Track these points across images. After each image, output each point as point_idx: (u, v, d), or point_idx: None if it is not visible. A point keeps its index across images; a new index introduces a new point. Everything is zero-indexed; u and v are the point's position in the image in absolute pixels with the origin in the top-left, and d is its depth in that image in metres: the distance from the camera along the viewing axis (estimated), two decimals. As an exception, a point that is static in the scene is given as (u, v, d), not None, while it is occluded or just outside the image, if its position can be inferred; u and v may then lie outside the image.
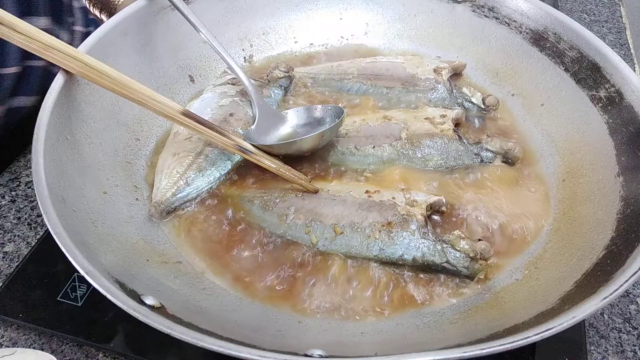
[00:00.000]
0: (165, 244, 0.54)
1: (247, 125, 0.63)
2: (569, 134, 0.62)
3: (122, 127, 0.60)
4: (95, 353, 0.49)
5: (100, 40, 0.57)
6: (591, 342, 0.50)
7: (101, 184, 0.53)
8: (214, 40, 0.62)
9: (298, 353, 0.39)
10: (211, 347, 0.35)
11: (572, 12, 1.00)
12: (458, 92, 0.68)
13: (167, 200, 0.55)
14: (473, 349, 0.35)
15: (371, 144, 0.61)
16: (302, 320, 0.48)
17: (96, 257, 0.43)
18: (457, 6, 0.73)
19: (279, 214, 0.54)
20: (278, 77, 0.69)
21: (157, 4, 0.64)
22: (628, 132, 0.54)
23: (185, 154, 0.59)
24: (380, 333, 0.47)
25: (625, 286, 0.39)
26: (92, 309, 0.51)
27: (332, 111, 0.62)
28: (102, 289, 0.38)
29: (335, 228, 0.52)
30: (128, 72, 0.60)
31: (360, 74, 0.71)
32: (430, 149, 0.60)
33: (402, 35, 0.78)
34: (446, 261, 0.50)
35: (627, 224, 0.48)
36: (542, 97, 0.67)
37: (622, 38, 0.93)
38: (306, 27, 0.78)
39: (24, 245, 0.58)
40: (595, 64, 0.60)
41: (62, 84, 0.51)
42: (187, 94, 0.70)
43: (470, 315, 0.48)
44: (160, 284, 0.47)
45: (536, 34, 0.67)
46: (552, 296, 0.45)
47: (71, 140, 0.51)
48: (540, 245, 0.54)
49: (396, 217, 0.52)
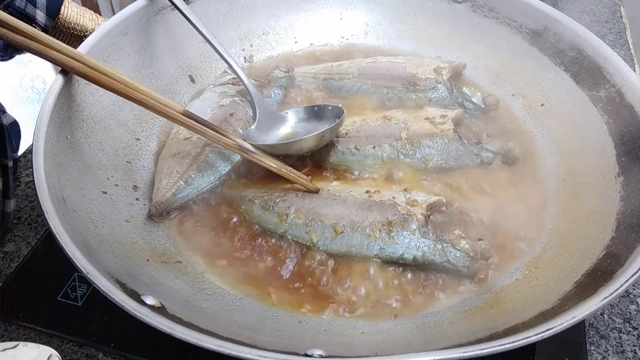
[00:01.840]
0: (165, 244, 0.54)
1: (247, 125, 0.63)
2: (569, 134, 0.62)
3: (122, 127, 0.59)
4: (95, 353, 0.49)
5: (100, 40, 0.57)
6: (591, 342, 0.50)
7: (101, 184, 0.53)
8: (214, 40, 0.62)
9: (298, 353, 0.39)
10: (211, 347, 0.35)
11: (572, 12, 1.00)
12: (458, 92, 0.68)
13: (167, 200, 0.55)
14: (473, 349, 0.35)
15: (371, 144, 0.61)
16: (302, 320, 0.48)
17: (96, 257, 0.43)
18: (457, 6, 0.73)
19: (280, 213, 0.54)
20: (278, 77, 0.69)
21: (157, 4, 0.64)
22: (628, 132, 0.54)
23: (185, 154, 0.59)
24: (380, 333, 0.47)
25: (625, 286, 0.39)
26: (92, 309, 0.51)
27: (332, 111, 0.62)
28: (102, 289, 0.38)
29: (335, 227, 0.52)
30: (128, 72, 0.61)
31: (361, 74, 0.71)
32: (430, 149, 0.60)
33: (402, 35, 0.78)
34: (446, 261, 0.50)
35: (627, 224, 0.48)
36: (542, 97, 0.67)
37: (622, 38, 0.93)
38: (306, 27, 0.78)
39: (24, 245, 0.58)
40: (595, 64, 0.60)
41: (62, 84, 0.51)
42: (187, 94, 0.70)
43: (470, 315, 0.48)
44: (160, 284, 0.47)
45: (536, 34, 0.67)
46: (552, 296, 0.45)
47: (71, 140, 0.51)
48: (540, 245, 0.54)
49: (396, 217, 0.52)
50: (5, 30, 0.44)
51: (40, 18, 0.63)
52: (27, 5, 0.60)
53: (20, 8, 0.60)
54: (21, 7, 0.60)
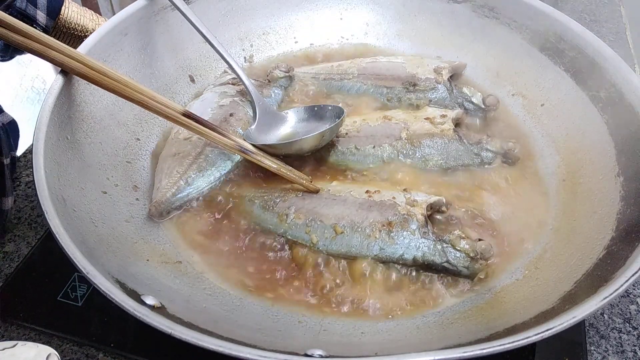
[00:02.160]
0: (165, 244, 0.54)
1: (247, 125, 0.63)
2: (569, 134, 0.62)
3: (122, 127, 0.60)
4: (95, 353, 0.49)
5: (100, 41, 0.57)
6: (591, 342, 0.50)
7: (101, 184, 0.53)
8: (214, 40, 0.62)
9: (298, 353, 0.39)
10: (211, 347, 0.35)
11: (572, 12, 1.00)
12: (458, 92, 0.68)
13: (167, 200, 0.55)
14: (473, 349, 0.35)
15: (371, 143, 0.61)
16: (302, 320, 0.48)
17: (96, 257, 0.43)
18: (457, 6, 0.73)
19: (280, 213, 0.54)
20: (278, 77, 0.69)
21: (157, 4, 0.64)
22: (628, 132, 0.54)
23: (185, 154, 0.59)
24: (380, 333, 0.47)
25: (625, 286, 0.39)
26: (92, 309, 0.51)
27: (332, 111, 0.62)
28: (102, 289, 0.38)
29: (335, 228, 0.52)
30: (128, 72, 0.61)
31: (361, 74, 0.71)
32: (431, 149, 0.60)
33: (402, 35, 0.78)
34: (446, 261, 0.50)
35: (627, 224, 0.48)
36: (542, 97, 0.67)
37: (622, 38, 0.93)
38: (306, 27, 0.78)
39: (24, 245, 0.58)
40: (596, 64, 0.60)
41: (62, 84, 0.51)
42: (187, 94, 0.70)
43: (470, 315, 0.47)
44: (160, 284, 0.47)
45: (536, 34, 0.67)
46: (552, 296, 0.45)
47: (71, 140, 0.51)
48: (540, 245, 0.54)
49: (396, 217, 0.52)
50: (6, 30, 0.44)
51: (40, 18, 0.63)
52: (28, 5, 0.60)
53: (20, 8, 0.60)
54: (22, 8, 0.60)
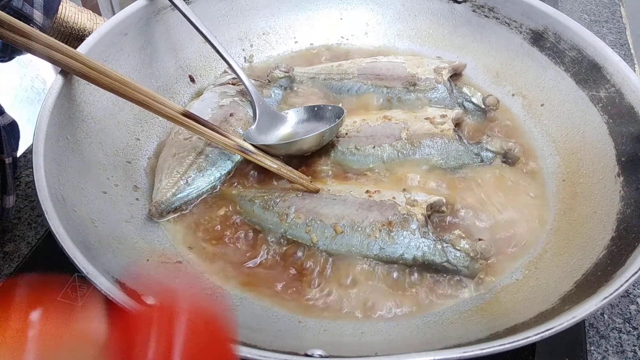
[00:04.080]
0: (165, 244, 0.54)
1: (247, 125, 0.63)
2: (569, 134, 0.62)
3: (122, 127, 0.60)
4: (95, 353, 0.49)
5: (100, 41, 0.57)
6: (591, 342, 0.50)
7: (101, 184, 0.53)
8: (214, 40, 0.62)
9: (298, 353, 0.39)
10: (211, 347, 0.35)
11: (572, 12, 1.00)
12: (458, 92, 0.68)
13: (168, 200, 0.55)
14: (473, 349, 0.35)
15: (371, 144, 0.61)
16: (302, 320, 0.48)
17: (96, 257, 0.43)
18: (457, 6, 0.73)
19: (280, 213, 0.54)
20: (278, 77, 0.69)
21: (157, 4, 0.65)
22: (628, 132, 0.54)
23: (185, 154, 0.59)
24: (380, 333, 0.47)
25: (625, 286, 0.39)
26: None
27: (332, 111, 0.62)
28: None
29: (335, 227, 0.52)
30: (128, 72, 0.61)
31: (361, 74, 0.71)
32: (431, 149, 0.60)
33: (402, 35, 0.78)
34: (446, 261, 0.50)
35: (627, 224, 0.48)
36: (542, 97, 0.67)
37: (622, 38, 0.93)
38: (306, 27, 0.78)
39: (24, 245, 0.58)
40: (596, 64, 0.60)
41: (62, 84, 0.51)
42: (187, 94, 0.70)
43: (470, 315, 0.48)
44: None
45: (536, 34, 0.67)
46: (552, 296, 0.45)
47: (71, 140, 0.51)
48: (540, 245, 0.54)
49: (396, 217, 0.52)
50: (5, 30, 0.44)
51: (37, 18, 0.62)
52: (24, 5, 0.60)
53: (17, 8, 0.59)
54: (18, 7, 0.60)
